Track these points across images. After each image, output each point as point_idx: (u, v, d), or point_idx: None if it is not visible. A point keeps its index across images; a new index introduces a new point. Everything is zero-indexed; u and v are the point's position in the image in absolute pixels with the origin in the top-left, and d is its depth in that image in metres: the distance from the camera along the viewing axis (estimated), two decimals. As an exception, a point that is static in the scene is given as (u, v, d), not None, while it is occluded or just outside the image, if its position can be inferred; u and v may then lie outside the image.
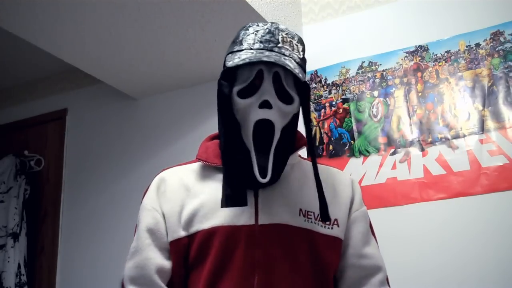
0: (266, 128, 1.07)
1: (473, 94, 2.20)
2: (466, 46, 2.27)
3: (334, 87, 2.50)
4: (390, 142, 2.30)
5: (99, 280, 2.71)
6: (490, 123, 2.14)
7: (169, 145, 2.80)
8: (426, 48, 2.34)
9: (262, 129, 1.07)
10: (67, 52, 2.48)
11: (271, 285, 1.07)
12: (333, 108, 2.47)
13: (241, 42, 1.10)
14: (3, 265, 2.84)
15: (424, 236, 2.13)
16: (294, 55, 1.10)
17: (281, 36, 1.10)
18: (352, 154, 2.36)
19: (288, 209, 1.12)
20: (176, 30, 2.33)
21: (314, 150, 1.23)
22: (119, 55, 2.52)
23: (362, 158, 2.34)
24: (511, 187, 2.04)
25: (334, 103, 2.47)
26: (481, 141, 2.13)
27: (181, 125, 2.81)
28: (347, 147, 2.38)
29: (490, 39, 2.22)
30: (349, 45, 2.52)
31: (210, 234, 1.09)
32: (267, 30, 1.10)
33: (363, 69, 2.45)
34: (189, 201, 1.14)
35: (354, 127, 2.40)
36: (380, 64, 2.42)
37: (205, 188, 1.15)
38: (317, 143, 2.45)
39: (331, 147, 2.42)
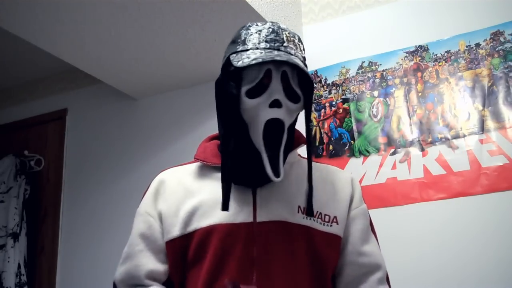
0: (276, 127, 1.08)
1: (473, 94, 2.20)
2: (466, 46, 2.27)
3: (334, 87, 2.50)
4: (390, 142, 2.30)
5: (99, 280, 2.71)
6: (490, 123, 2.14)
7: (169, 145, 2.80)
8: (426, 48, 2.34)
9: (273, 129, 1.07)
10: (67, 52, 2.48)
11: (270, 282, 1.07)
12: (333, 108, 2.47)
13: (245, 42, 1.10)
14: (3, 265, 2.84)
15: (424, 236, 2.13)
16: (299, 54, 1.10)
17: (285, 35, 1.10)
18: (352, 154, 2.36)
19: (287, 206, 1.12)
20: (176, 30, 2.33)
21: (312, 147, 1.23)
22: (119, 55, 2.52)
23: (362, 158, 2.34)
24: (511, 187, 2.04)
25: (334, 103, 2.47)
26: (481, 141, 2.13)
27: (181, 125, 2.81)
28: (347, 147, 2.38)
29: (490, 39, 2.22)
30: (349, 45, 2.52)
31: (208, 232, 1.10)
32: (271, 30, 1.10)
33: (363, 69, 2.45)
34: (187, 201, 1.14)
35: (354, 127, 2.40)
36: (380, 64, 2.42)
37: (203, 187, 1.15)
38: (317, 143, 2.45)
39: (331, 147, 2.42)
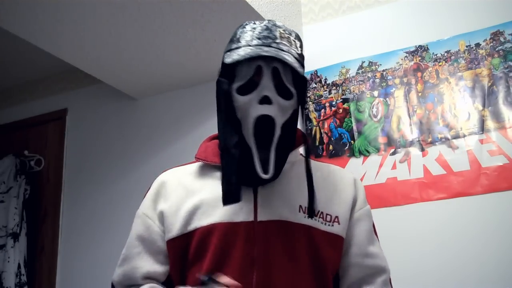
0: (267, 124, 1.06)
1: (473, 94, 2.20)
2: (466, 46, 2.27)
3: (334, 87, 2.50)
4: (390, 142, 2.30)
5: (99, 280, 2.70)
6: (490, 123, 2.14)
7: (169, 145, 2.80)
8: (426, 48, 2.34)
9: (263, 125, 1.06)
10: (67, 52, 2.48)
11: (270, 282, 1.06)
12: (333, 108, 2.47)
13: (239, 40, 1.10)
14: (3, 265, 2.84)
15: (424, 236, 2.13)
16: (292, 51, 1.09)
17: (279, 32, 1.09)
18: (352, 154, 2.36)
19: (288, 206, 1.12)
20: (176, 30, 2.33)
21: (308, 144, 1.23)
22: (119, 55, 2.52)
23: (362, 158, 2.34)
24: (511, 187, 2.04)
25: (334, 103, 2.47)
26: (481, 141, 2.13)
27: (181, 125, 2.81)
28: (347, 147, 2.38)
29: (490, 39, 2.22)
30: (349, 45, 2.52)
31: (209, 231, 1.09)
32: (265, 27, 1.10)
33: (363, 69, 2.45)
34: (188, 200, 1.14)
35: (354, 127, 2.39)
36: (380, 64, 2.42)
37: (204, 186, 1.15)
38: (317, 143, 2.45)
39: (331, 147, 2.41)
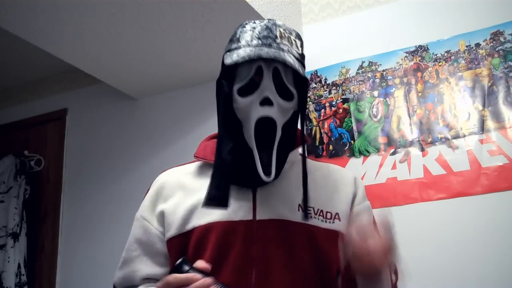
0: (268, 126, 1.06)
1: (473, 94, 2.20)
2: (466, 46, 2.26)
3: (334, 87, 2.50)
4: (390, 142, 2.30)
5: (99, 280, 2.71)
6: (490, 123, 2.14)
7: (169, 145, 2.80)
8: (426, 48, 2.34)
9: (264, 127, 1.06)
10: (67, 52, 2.48)
11: (269, 281, 1.06)
12: (333, 108, 2.47)
13: (239, 40, 1.09)
14: (3, 265, 2.84)
15: (424, 236, 2.12)
16: (293, 51, 1.09)
17: (279, 32, 1.09)
18: (352, 154, 2.36)
19: (287, 205, 1.12)
20: (176, 30, 2.33)
21: (306, 143, 1.22)
22: (119, 55, 2.52)
23: (362, 158, 2.34)
24: (511, 187, 2.04)
25: (334, 103, 2.47)
26: (481, 141, 2.13)
27: (181, 125, 2.81)
28: (347, 147, 2.38)
29: (490, 39, 2.22)
30: (349, 45, 2.52)
31: (207, 230, 1.09)
32: (265, 26, 1.09)
33: (363, 69, 2.45)
34: (187, 199, 1.14)
35: (354, 127, 2.39)
36: (380, 64, 2.42)
37: (203, 186, 1.15)
38: (317, 143, 2.45)
39: (331, 147, 2.41)
